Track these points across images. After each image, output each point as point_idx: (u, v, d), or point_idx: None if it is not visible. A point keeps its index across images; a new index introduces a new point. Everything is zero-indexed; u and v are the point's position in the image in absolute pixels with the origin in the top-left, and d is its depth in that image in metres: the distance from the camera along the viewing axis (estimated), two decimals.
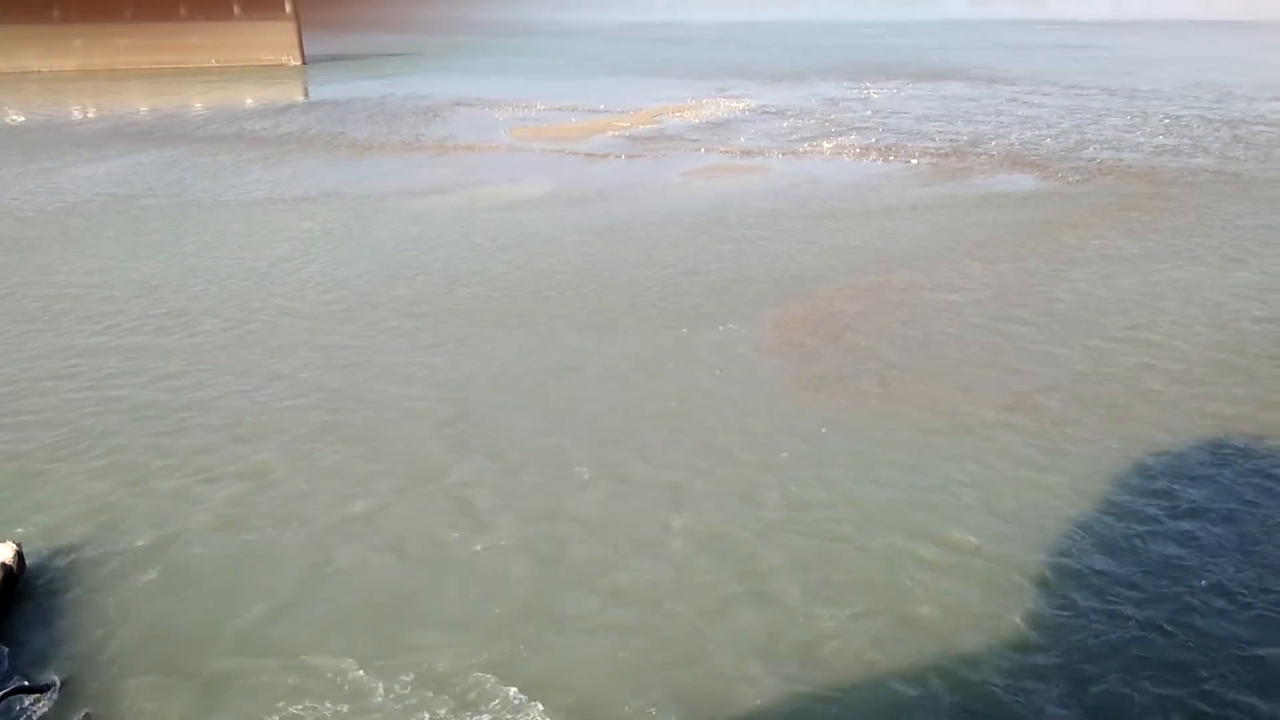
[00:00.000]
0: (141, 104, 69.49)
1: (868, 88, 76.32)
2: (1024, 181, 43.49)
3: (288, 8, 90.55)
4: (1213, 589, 14.81)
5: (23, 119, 62.90)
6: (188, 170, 46.19)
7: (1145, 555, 15.66)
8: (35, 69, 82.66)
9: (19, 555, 14.98)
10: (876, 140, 53.58)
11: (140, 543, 16.03)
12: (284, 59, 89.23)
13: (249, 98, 73.26)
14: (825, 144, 52.74)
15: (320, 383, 22.21)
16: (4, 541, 15.16)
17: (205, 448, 19.17)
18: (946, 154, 49.62)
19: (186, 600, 14.68)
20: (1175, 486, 17.69)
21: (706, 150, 51.30)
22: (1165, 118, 60.22)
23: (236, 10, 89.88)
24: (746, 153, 50.70)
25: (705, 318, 26.30)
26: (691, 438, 19.62)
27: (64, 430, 19.91)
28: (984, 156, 48.99)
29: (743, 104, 67.89)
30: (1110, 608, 14.37)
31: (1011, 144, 52.17)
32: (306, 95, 75.91)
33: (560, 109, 65.30)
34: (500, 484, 17.94)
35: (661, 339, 24.92)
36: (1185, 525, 16.46)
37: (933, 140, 53.45)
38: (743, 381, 22.28)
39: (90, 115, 65.22)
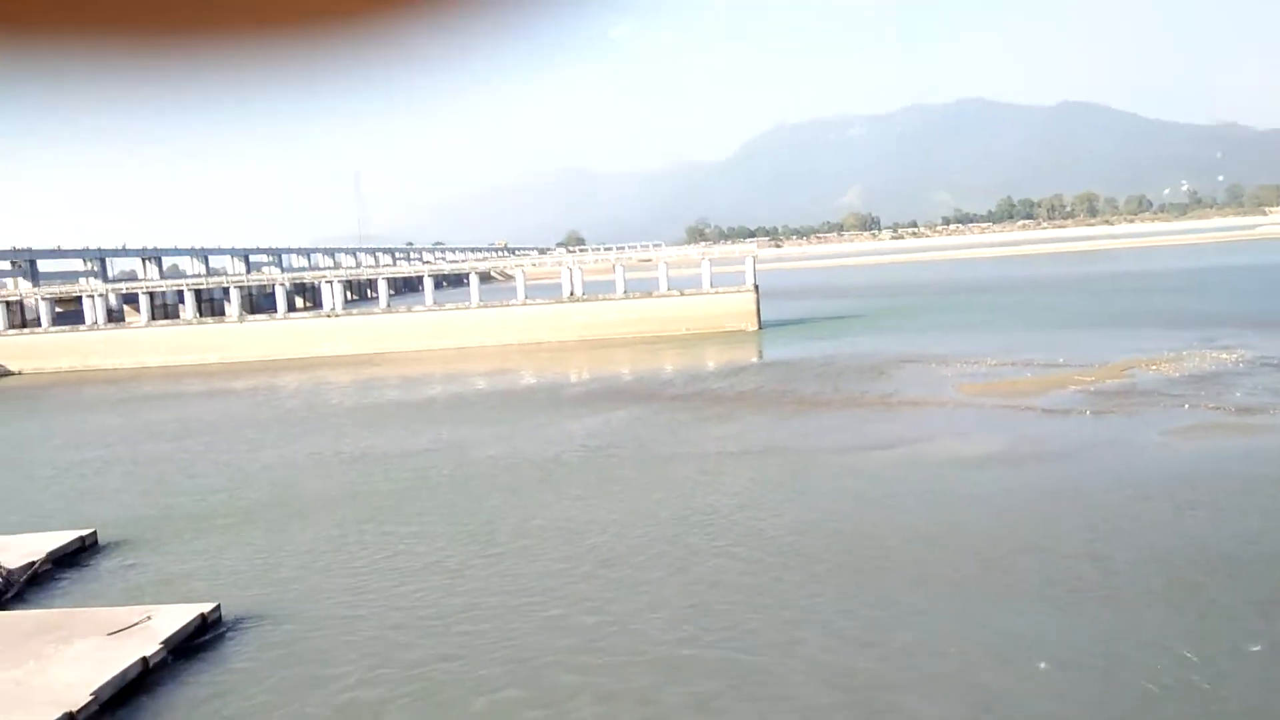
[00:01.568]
0: (623, 368, 79.59)
1: None
2: None
3: (749, 280, 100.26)
4: None
5: (533, 381, 75.09)
6: (650, 426, 50.85)
7: None
8: (547, 339, 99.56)
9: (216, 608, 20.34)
10: None
11: None
12: (743, 325, 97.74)
13: (710, 360, 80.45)
14: None
15: (737, 646, 21.70)
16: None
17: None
18: None
19: None
20: None
21: (1191, 406, 44.82)
22: None
23: (705, 285, 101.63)
24: (1245, 409, 43.38)
25: (1208, 644, 21.48)
26: None
27: (528, 685, 21.39)
28: None
29: (1234, 355, 59.29)
30: None
31: None
32: (760, 356, 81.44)
33: (1013, 364, 62.25)
34: None
35: (1144, 661, 20.73)
36: None
37: None
38: None
39: (583, 377, 75.99)
